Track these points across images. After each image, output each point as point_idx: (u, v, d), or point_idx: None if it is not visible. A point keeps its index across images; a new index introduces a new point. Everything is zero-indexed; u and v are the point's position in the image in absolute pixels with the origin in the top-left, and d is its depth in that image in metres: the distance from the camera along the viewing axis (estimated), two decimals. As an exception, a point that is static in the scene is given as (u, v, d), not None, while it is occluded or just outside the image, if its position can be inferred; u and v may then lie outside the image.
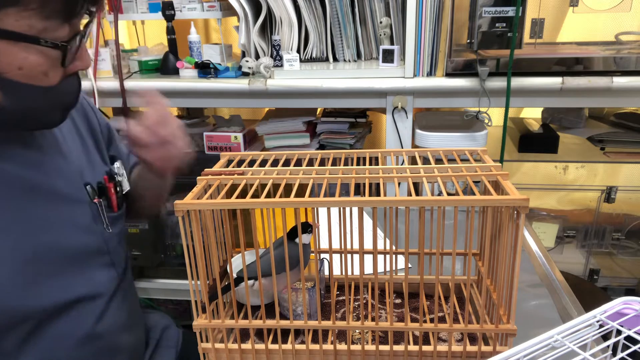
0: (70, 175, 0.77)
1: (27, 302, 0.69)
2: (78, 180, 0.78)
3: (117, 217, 0.84)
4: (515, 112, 2.12)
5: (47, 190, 0.72)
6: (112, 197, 0.83)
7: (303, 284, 0.68)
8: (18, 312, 0.68)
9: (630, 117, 1.81)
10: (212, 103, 1.66)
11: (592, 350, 0.48)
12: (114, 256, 0.82)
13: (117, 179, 0.85)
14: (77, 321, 0.75)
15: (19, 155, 0.70)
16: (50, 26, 0.58)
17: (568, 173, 1.73)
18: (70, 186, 0.76)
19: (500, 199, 0.59)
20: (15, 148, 0.70)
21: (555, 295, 0.94)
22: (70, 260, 0.74)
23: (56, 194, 0.73)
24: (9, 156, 0.69)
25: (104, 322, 0.79)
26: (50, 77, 0.63)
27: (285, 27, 1.62)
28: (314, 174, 0.68)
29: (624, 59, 1.37)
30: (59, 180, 0.74)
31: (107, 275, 0.81)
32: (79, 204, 0.77)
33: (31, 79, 0.61)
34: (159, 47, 1.87)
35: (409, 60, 1.46)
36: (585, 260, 1.85)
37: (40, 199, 0.71)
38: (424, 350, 0.68)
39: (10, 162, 0.69)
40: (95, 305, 0.78)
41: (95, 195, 0.79)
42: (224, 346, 0.70)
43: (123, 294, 0.84)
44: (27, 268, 0.68)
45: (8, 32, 0.56)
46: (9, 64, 0.59)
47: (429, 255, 0.81)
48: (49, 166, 0.73)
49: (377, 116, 1.98)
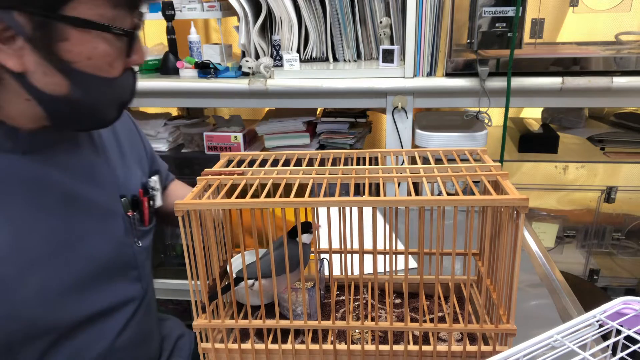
0: (108, 185, 0.76)
1: (50, 316, 0.67)
2: (115, 192, 0.77)
3: (147, 231, 0.83)
4: (515, 112, 2.12)
5: (85, 199, 0.71)
6: (144, 211, 0.82)
7: (303, 284, 0.68)
8: (39, 326, 0.66)
9: (630, 117, 1.81)
10: (212, 103, 1.66)
11: (592, 350, 0.48)
12: (141, 271, 0.80)
13: (151, 193, 0.85)
14: (97, 336, 0.73)
15: (64, 162, 0.69)
16: (117, 16, 0.59)
17: (568, 173, 1.73)
18: (107, 197, 0.75)
19: (500, 199, 0.59)
20: (61, 154, 0.69)
21: (555, 295, 0.94)
22: (100, 273, 0.72)
23: (94, 204, 0.72)
24: (56, 162, 0.68)
25: (123, 337, 0.77)
26: (114, 69, 0.63)
27: (285, 27, 1.62)
28: (314, 174, 0.68)
29: (624, 59, 1.37)
30: (98, 190, 0.74)
31: (132, 290, 0.79)
32: (114, 216, 0.76)
33: (98, 69, 0.61)
34: (159, 47, 1.87)
35: (409, 60, 1.46)
36: (585, 260, 1.85)
37: (79, 208, 0.70)
38: (423, 350, 0.68)
39: (55, 167, 0.68)
40: (117, 321, 0.76)
41: (129, 209, 0.78)
42: (224, 346, 0.70)
43: (145, 309, 0.82)
44: (57, 281, 0.67)
45: (82, 20, 0.57)
46: (79, 53, 0.58)
47: (429, 255, 0.81)
48: (90, 175, 0.73)
49: (377, 116, 1.98)
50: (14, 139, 0.64)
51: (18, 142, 0.64)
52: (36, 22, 0.55)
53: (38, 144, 0.66)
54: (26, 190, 0.65)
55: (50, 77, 0.59)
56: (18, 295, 0.63)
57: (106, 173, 0.76)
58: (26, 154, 0.65)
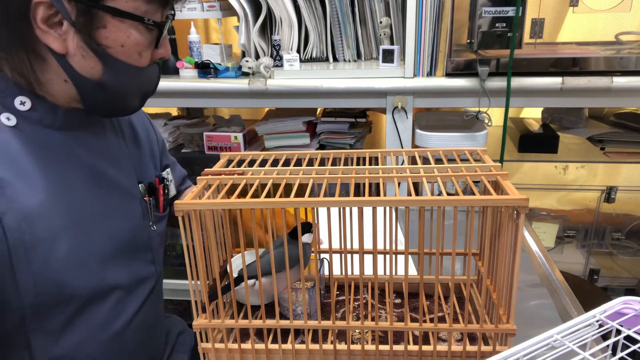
0: (128, 170, 0.82)
1: (79, 283, 0.70)
2: (133, 176, 0.82)
3: (161, 217, 0.88)
4: (515, 112, 2.12)
5: (109, 179, 0.77)
6: (160, 198, 0.87)
7: (303, 284, 0.68)
8: (67, 290, 0.70)
9: (630, 117, 1.81)
10: (212, 103, 1.66)
11: (592, 350, 0.48)
12: (155, 254, 0.85)
13: (166, 183, 0.90)
14: (116, 311, 0.77)
15: (92, 143, 0.76)
16: (150, 9, 0.66)
17: (568, 173, 1.74)
18: (128, 179, 0.81)
19: (500, 199, 0.59)
20: (90, 136, 0.76)
21: (555, 295, 0.94)
22: (119, 249, 0.77)
23: (116, 184, 0.78)
24: (85, 142, 0.74)
25: (139, 316, 0.80)
26: (143, 58, 0.69)
27: (285, 27, 1.62)
28: (314, 174, 0.68)
29: (624, 59, 1.37)
30: (120, 172, 0.79)
31: (148, 271, 0.83)
32: (133, 198, 0.81)
33: (128, 57, 0.67)
34: (159, 47, 1.87)
35: (409, 60, 1.46)
36: (585, 260, 1.85)
37: (103, 186, 0.76)
38: (423, 350, 0.68)
39: (84, 148, 0.74)
40: (135, 299, 0.80)
41: (146, 194, 0.84)
42: (224, 346, 0.70)
43: (157, 294, 0.87)
44: (85, 249, 0.71)
45: (120, 11, 0.64)
46: (114, 40, 0.65)
47: (429, 255, 0.81)
48: (114, 158, 0.79)
49: (377, 116, 1.98)
50: (54, 116, 0.70)
51: (57, 119, 0.70)
52: (81, 9, 0.62)
53: (72, 123, 0.73)
54: (60, 161, 0.71)
55: (87, 61, 0.66)
56: (52, 257, 0.67)
57: (126, 158, 0.82)
58: (61, 130, 0.71)
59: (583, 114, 1.93)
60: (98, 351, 0.76)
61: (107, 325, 0.76)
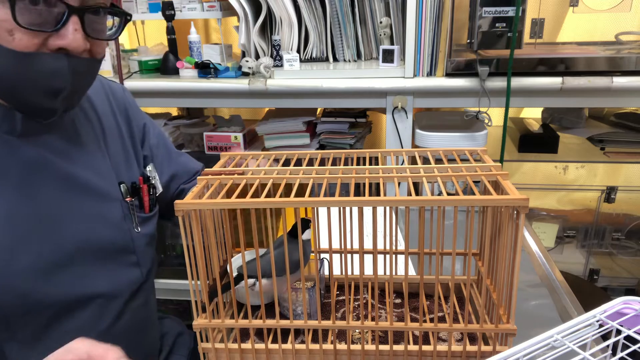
0: (105, 171, 0.78)
1: (47, 291, 0.69)
2: (113, 178, 0.79)
3: (148, 218, 0.85)
4: (515, 112, 2.12)
5: (81, 182, 0.73)
6: (144, 198, 0.84)
7: (303, 284, 0.68)
8: (37, 300, 0.68)
9: (630, 117, 1.81)
10: (212, 103, 1.66)
11: (592, 350, 0.48)
12: (140, 256, 0.82)
13: (151, 181, 0.87)
14: (95, 317, 0.75)
15: (61, 147, 0.72)
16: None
17: (568, 173, 1.73)
18: (105, 182, 0.77)
19: (500, 199, 0.59)
20: (59, 140, 0.72)
21: (555, 295, 0.94)
22: (96, 254, 0.75)
23: (90, 188, 0.74)
24: (52, 146, 0.70)
25: (122, 321, 0.78)
26: (17, 40, 0.58)
27: (285, 27, 1.62)
28: (314, 174, 0.68)
29: (624, 59, 1.37)
30: (95, 175, 0.76)
31: (131, 275, 0.80)
32: (110, 200, 0.78)
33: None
34: (159, 47, 1.87)
35: (409, 60, 1.46)
36: (585, 260, 1.85)
37: (73, 190, 0.72)
38: (423, 350, 0.68)
39: (51, 151, 0.70)
40: (115, 304, 0.78)
41: (128, 194, 0.81)
42: (224, 346, 0.70)
43: (144, 296, 0.84)
44: (51, 257, 0.69)
45: None
46: None
47: (429, 255, 0.81)
48: (86, 161, 0.75)
49: (377, 116, 1.98)
50: (12, 122, 0.66)
51: (16, 125, 0.67)
52: None
53: (34, 129, 0.69)
54: (21, 169, 0.67)
55: None
56: (12, 267, 0.65)
57: (104, 159, 0.78)
58: (23, 137, 0.68)
59: (583, 114, 1.93)
60: None
61: (87, 331, 0.73)
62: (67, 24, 0.60)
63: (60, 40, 0.61)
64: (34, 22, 0.59)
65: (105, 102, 0.84)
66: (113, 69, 1.64)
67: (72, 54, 0.63)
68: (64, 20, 0.60)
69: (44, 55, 0.61)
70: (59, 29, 0.60)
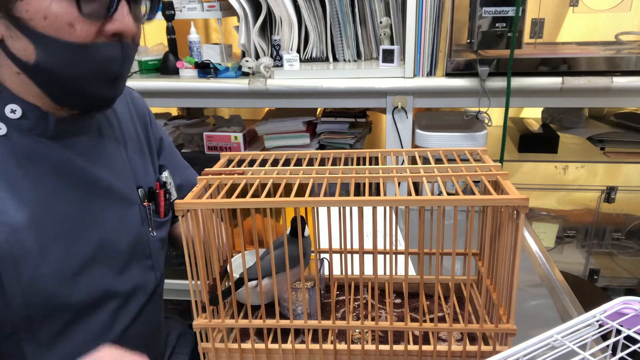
0: (126, 175, 0.79)
1: (71, 293, 0.69)
2: (132, 182, 0.79)
3: (162, 223, 0.86)
4: (515, 112, 2.12)
5: (104, 185, 0.74)
6: (160, 203, 0.85)
7: (303, 284, 0.68)
8: (60, 302, 0.68)
9: (630, 117, 1.81)
10: (212, 103, 1.66)
11: (592, 350, 0.48)
12: (154, 260, 0.83)
13: (167, 187, 0.88)
14: (112, 319, 0.75)
15: (86, 149, 0.72)
16: None
17: (568, 173, 1.73)
18: (125, 186, 0.78)
19: (500, 199, 0.59)
20: (84, 142, 0.72)
21: (555, 295, 0.94)
22: (115, 257, 0.75)
23: (112, 191, 0.75)
24: (79, 148, 0.71)
25: (136, 324, 0.79)
26: (78, 32, 0.60)
27: (285, 27, 1.62)
28: (314, 173, 0.68)
29: (624, 59, 1.37)
30: (117, 179, 0.76)
31: (146, 278, 0.81)
32: (130, 204, 0.78)
33: (57, 31, 0.60)
34: (159, 47, 1.87)
35: (409, 60, 1.46)
36: (585, 260, 1.85)
37: (97, 193, 0.73)
38: (423, 350, 0.68)
39: (79, 156, 0.71)
40: (131, 307, 0.78)
41: (146, 199, 0.81)
42: (224, 346, 0.70)
43: (156, 300, 0.85)
44: (77, 259, 0.69)
45: None
46: (35, 12, 0.58)
47: (429, 255, 0.81)
48: (109, 164, 0.76)
49: (377, 116, 1.98)
50: (45, 124, 0.67)
51: (48, 127, 0.67)
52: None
53: (64, 131, 0.70)
54: (51, 171, 0.68)
55: (19, 41, 0.60)
56: (41, 270, 0.66)
57: (125, 164, 0.79)
58: (52, 138, 0.69)
59: (583, 114, 1.93)
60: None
61: (104, 333, 0.75)
62: (119, 8, 0.63)
63: (115, 25, 0.63)
64: (93, 11, 0.61)
65: (125, 107, 0.85)
66: (113, 69, 1.64)
67: (124, 40, 0.65)
68: (115, 4, 0.62)
69: (103, 44, 0.63)
70: (112, 13, 0.62)
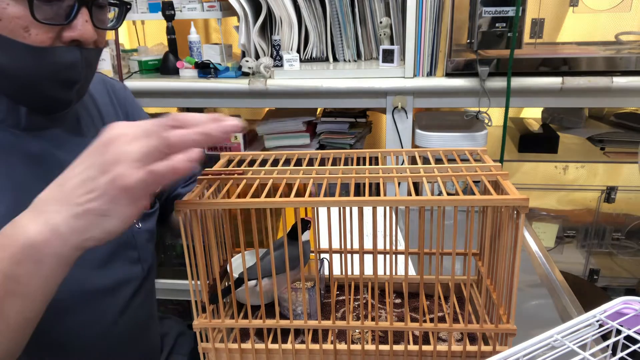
0: None
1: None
2: None
3: (149, 214, 0.85)
4: (515, 112, 2.12)
5: None
6: None
7: (303, 284, 0.68)
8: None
9: (630, 117, 1.81)
10: (212, 103, 1.66)
11: (592, 350, 0.48)
12: (141, 252, 0.82)
13: None
14: (98, 313, 0.75)
15: (64, 141, 0.72)
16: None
17: (568, 173, 1.74)
18: None
19: (500, 199, 0.59)
20: (63, 134, 0.72)
21: (555, 295, 0.94)
22: (97, 251, 0.74)
23: None
24: (57, 141, 0.71)
25: (123, 318, 0.79)
26: (33, 36, 0.61)
27: (285, 27, 1.62)
28: (314, 174, 0.68)
29: (624, 59, 1.37)
30: None
31: (133, 271, 0.81)
32: None
33: (13, 33, 0.60)
34: (159, 47, 1.87)
35: (409, 60, 1.46)
36: (585, 260, 1.85)
37: None
38: (423, 350, 0.68)
39: (56, 145, 0.70)
40: (118, 299, 0.78)
41: None
42: (224, 346, 0.70)
43: (145, 293, 0.84)
44: None
45: None
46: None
47: (429, 255, 0.81)
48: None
49: (377, 116, 1.98)
50: (17, 116, 0.67)
51: (20, 119, 0.67)
52: None
53: (38, 123, 0.69)
54: (28, 162, 0.68)
55: None
56: None
57: None
58: (26, 130, 0.68)
59: (583, 114, 1.93)
60: (81, 354, 0.74)
61: (91, 327, 0.74)
62: (78, 15, 0.63)
63: (73, 32, 0.63)
64: (48, 17, 0.61)
65: (105, 96, 0.85)
66: (113, 69, 1.64)
67: (83, 46, 0.65)
68: (74, 12, 0.62)
69: (59, 49, 0.63)
70: (71, 20, 0.62)
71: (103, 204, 0.50)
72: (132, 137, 0.50)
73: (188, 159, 0.51)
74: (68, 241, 0.51)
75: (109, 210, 0.50)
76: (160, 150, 0.50)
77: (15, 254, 0.51)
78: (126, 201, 0.50)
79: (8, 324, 0.54)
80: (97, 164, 0.51)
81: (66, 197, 0.51)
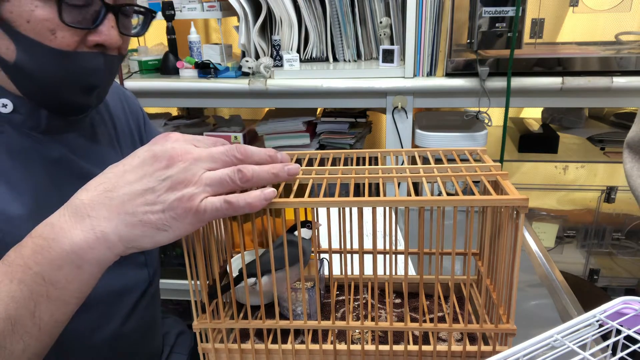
0: None
1: None
2: None
3: None
4: (515, 112, 2.12)
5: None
6: None
7: (303, 284, 0.68)
8: None
9: (630, 117, 1.81)
10: (212, 103, 1.67)
11: (592, 349, 0.48)
12: (148, 257, 0.82)
13: None
14: (106, 316, 0.75)
15: (80, 146, 0.72)
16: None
17: (568, 173, 1.74)
18: None
19: (499, 199, 0.59)
20: (78, 139, 0.73)
21: (555, 295, 0.94)
22: None
23: None
24: (72, 145, 0.71)
25: (130, 323, 0.79)
26: (59, 39, 0.61)
27: (285, 27, 1.62)
28: (313, 174, 0.68)
29: (624, 59, 1.37)
30: None
31: (140, 275, 0.81)
32: None
33: (39, 35, 0.60)
34: (159, 47, 1.87)
35: (409, 60, 1.46)
36: (585, 260, 1.85)
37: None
38: (423, 350, 0.68)
39: (71, 149, 0.71)
40: (125, 303, 0.78)
41: None
42: (224, 346, 0.70)
43: (151, 296, 0.84)
44: None
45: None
46: (19, 15, 0.59)
47: (429, 255, 0.81)
48: (102, 160, 0.75)
49: (377, 116, 1.98)
50: (37, 119, 0.67)
51: (40, 122, 0.67)
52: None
53: (57, 127, 0.70)
54: (46, 165, 0.68)
55: (0, 40, 0.60)
56: None
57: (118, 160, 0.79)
58: (45, 133, 0.69)
59: (583, 114, 1.93)
60: (88, 357, 0.74)
61: (99, 329, 0.74)
62: (105, 20, 0.63)
63: (98, 37, 0.63)
64: (76, 20, 0.61)
65: (118, 104, 0.85)
66: (113, 69, 1.64)
67: (107, 51, 0.65)
68: (101, 17, 0.62)
69: (84, 53, 0.63)
70: (97, 25, 0.63)
71: (165, 219, 0.49)
72: (197, 157, 0.51)
73: (265, 198, 0.52)
74: (114, 249, 0.51)
75: (169, 226, 0.50)
76: (234, 182, 0.51)
77: (56, 258, 0.50)
78: (191, 221, 0.50)
79: (40, 327, 0.53)
80: (158, 176, 0.50)
81: (119, 205, 0.50)
